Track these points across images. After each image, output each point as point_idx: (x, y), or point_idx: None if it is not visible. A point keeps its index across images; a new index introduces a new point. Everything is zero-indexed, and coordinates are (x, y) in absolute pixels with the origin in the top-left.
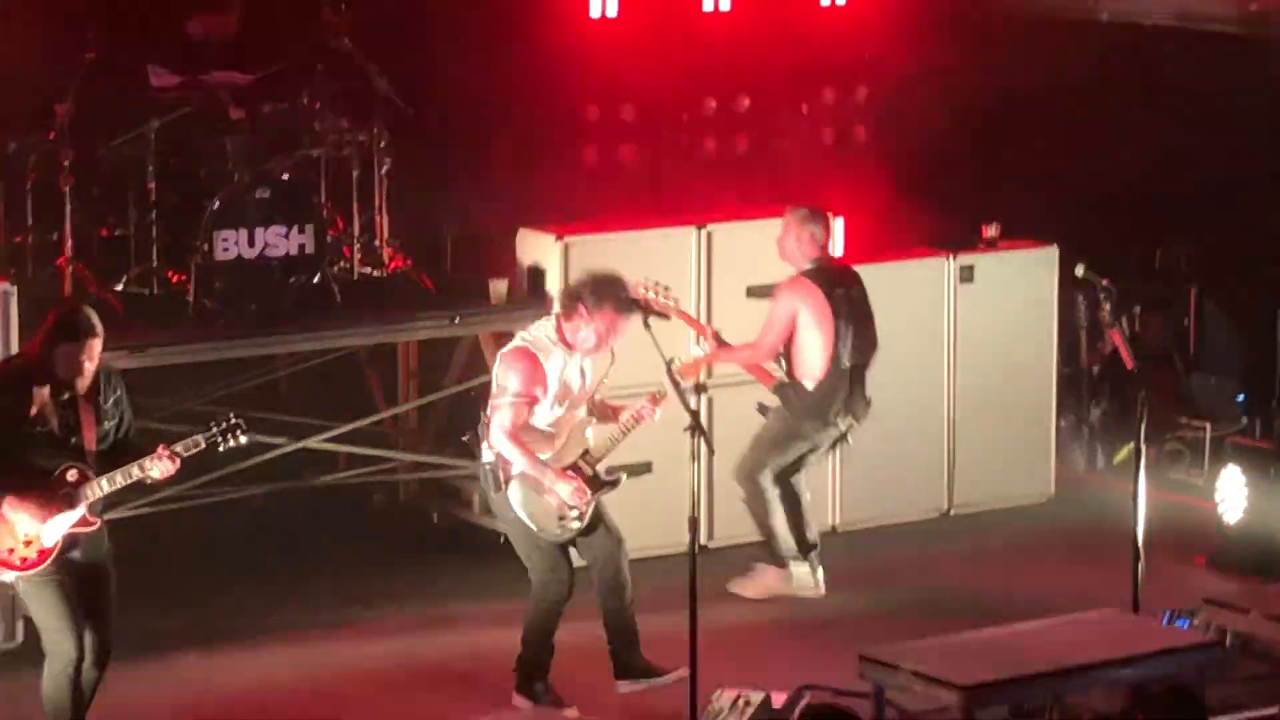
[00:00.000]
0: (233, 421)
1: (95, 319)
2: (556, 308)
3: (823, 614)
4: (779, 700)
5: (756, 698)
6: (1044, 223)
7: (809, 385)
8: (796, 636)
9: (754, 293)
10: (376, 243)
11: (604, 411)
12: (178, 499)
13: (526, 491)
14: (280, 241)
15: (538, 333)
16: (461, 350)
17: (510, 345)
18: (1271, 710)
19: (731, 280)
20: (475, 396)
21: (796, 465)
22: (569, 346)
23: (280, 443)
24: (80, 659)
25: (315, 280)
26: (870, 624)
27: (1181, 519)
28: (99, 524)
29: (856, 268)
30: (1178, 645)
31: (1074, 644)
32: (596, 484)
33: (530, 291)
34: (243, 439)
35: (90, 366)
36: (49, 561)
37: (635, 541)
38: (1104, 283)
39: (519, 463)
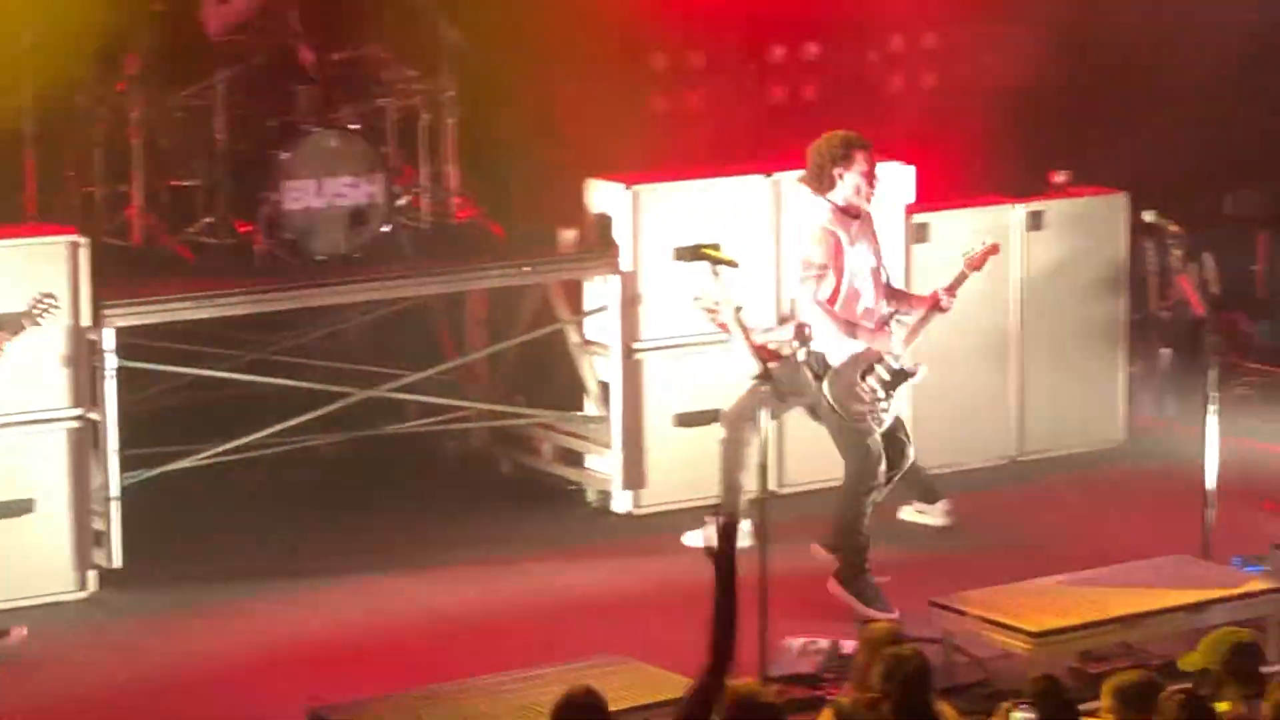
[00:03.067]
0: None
1: None
2: (818, 195)
3: (891, 560)
4: (848, 647)
5: (824, 644)
6: (1112, 169)
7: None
8: None
9: None
10: (445, 191)
11: (900, 300)
12: (250, 448)
13: (839, 382)
14: (349, 191)
15: (821, 217)
16: (531, 299)
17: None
18: None
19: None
20: (544, 345)
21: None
22: (847, 213)
23: (350, 391)
24: None
25: (384, 229)
26: (939, 570)
27: (1251, 464)
28: None
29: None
30: (1248, 591)
31: (1143, 590)
32: (900, 375)
33: (599, 240)
34: (57, 309)
35: None
36: None
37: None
38: (1173, 229)
39: (831, 326)
